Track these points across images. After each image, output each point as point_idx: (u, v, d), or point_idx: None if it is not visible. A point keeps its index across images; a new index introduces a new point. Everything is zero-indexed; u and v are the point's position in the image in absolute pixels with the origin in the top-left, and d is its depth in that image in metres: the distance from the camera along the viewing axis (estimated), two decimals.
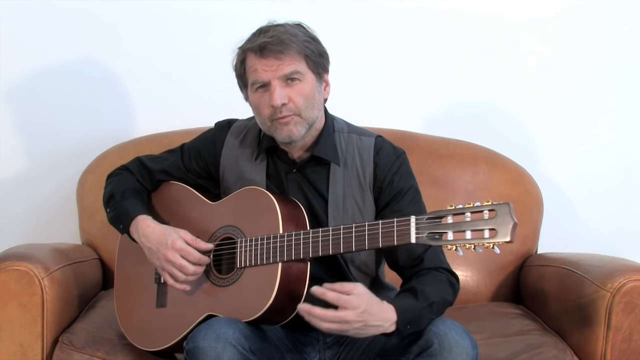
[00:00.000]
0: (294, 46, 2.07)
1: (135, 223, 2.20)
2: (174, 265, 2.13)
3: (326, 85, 2.17)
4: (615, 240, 3.01)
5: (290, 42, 2.07)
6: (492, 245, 1.86)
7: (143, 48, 2.99)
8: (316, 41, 2.13)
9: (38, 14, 2.97)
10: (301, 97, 2.09)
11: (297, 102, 2.09)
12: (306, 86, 2.10)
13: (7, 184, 3.00)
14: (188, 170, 2.29)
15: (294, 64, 2.08)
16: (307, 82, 2.10)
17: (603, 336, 2.30)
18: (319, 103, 2.14)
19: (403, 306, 1.99)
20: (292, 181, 2.19)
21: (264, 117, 2.12)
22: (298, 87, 2.09)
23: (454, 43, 3.01)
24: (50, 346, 2.31)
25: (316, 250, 2.03)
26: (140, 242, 2.19)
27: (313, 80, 2.11)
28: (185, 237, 2.15)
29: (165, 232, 2.16)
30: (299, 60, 2.08)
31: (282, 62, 2.07)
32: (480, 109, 3.03)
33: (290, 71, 2.08)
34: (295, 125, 2.10)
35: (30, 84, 2.99)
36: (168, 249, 2.13)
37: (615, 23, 3.02)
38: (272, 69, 2.08)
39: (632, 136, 3.05)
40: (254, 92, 2.13)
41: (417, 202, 2.17)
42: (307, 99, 2.10)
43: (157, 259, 2.16)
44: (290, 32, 2.09)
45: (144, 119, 2.99)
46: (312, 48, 2.11)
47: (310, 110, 2.11)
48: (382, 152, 2.18)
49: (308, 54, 2.09)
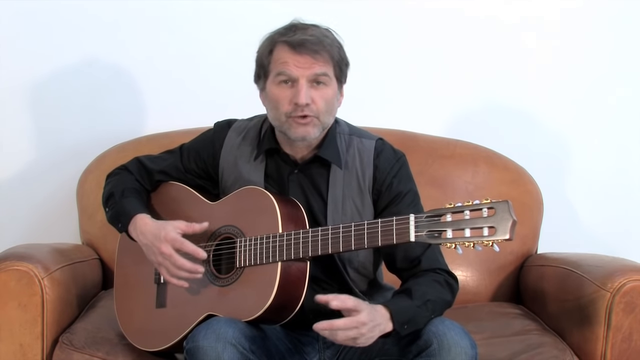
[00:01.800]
0: (329, 49, 2.08)
1: (134, 222, 2.20)
2: (167, 258, 2.13)
3: (341, 95, 2.17)
4: (615, 240, 3.01)
5: (327, 44, 2.08)
6: (491, 243, 1.86)
7: (143, 48, 2.99)
8: (343, 50, 2.14)
9: (38, 15, 2.97)
10: (323, 101, 2.09)
11: (319, 105, 2.09)
12: (329, 91, 2.10)
13: (7, 184, 3.00)
14: (187, 171, 2.29)
15: (326, 66, 2.08)
16: (331, 87, 2.10)
17: (603, 336, 2.30)
18: (335, 110, 2.15)
19: (398, 307, 2.00)
20: (293, 182, 2.18)
21: (280, 112, 2.11)
22: (322, 91, 2.09)
23: (455, 43, 3.01)
24: (50, 346, 2.31)
25: (315, 249, 2.03)
26: (138, 240, 2.19)
27: (335, 87, 2.12)
28: (180, 226, 2.15)
29: (159, 225, 2.16)
30: (329, 64, 2.09)
31: (316, 62, 2.07)
32: (480, 109, 3.03)
33: (322, 72, 2.07)
34: (313, 127, 2.10)
35: (30, 84, 2.99)
36: (162, 241, 2.13)
37: (615, 24, 3.03)
38: (304, 66, 2.07)
39: (633, 136, 3.05)
40: (276, 84, 2.10)
41: (415, 205, 2.17)
42: (328, 104, 2.10)
43: (153, 254, 2.15)
44: (325, 34, 2.10)
45: (144, 119, 2.99)
46: (342, 55, 2.12)
47: (328, 115, 2.12)
48: (382, 155, 2.18)
49: (337, 61, 2.10)
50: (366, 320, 1.94)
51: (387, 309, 1.99)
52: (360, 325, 1.93)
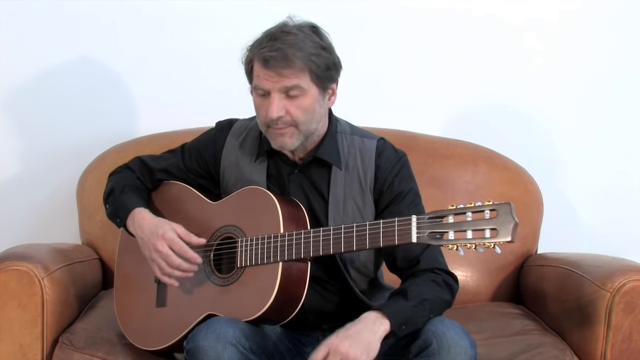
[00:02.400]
0: (298, 62, 2.04)
1: (132, 215, 2.20)
2: (161, 256, 2.13)
3: (332, 94, 2.14)
4: (615, 240, 3.01)
5: (295, 57, 2.03)
6: (493, 245, 1.86)
7: (143, 48, 2.99)
8: (327, 51, 2.09)
9: (37, 15, 2.96)
10: (300, 111, 2.07)
11: (294, 115, 2.07)
12: (307, 100, 2.08)
13: (7, 184, 3.00)
14: (188, 170, 2.29)
15: (296, 78, 2.05)
16: (308, 96, 2.08)
17: (603, 336, 2.30)
18: (320, 115, 2.12)
19: (393, 308, 2.00)
20: (293, 182, 2.18)
21: (261, 121, 2.12)
22: (298, 101, 2.07)
23: (455, 43, 3.01)
24: (50, 346, 2.31)
25: (317, 249, 2.03)
26: (135, 234, 2.19)
27: (315, 94, 2.09)
28: (178, 230, 2.15)
29: (158, 223, 2.16)
30: (301, 75, 2.05)
31: (283, 77, 2.05)
32: (480, 109, 3.03)
33: (292, 85, 2.05)
34: (290, 137, 2.09)
35: (30, 84, 2.99)
36: (158, 238, 2.13)
37: (616, 25, 3.02)
38: (273, 79, 2.06)
39: (633, 136, 3.05)
40: (256, 95, 2.12)
41: (416, 205, 2.17)
42: (307, 113, 2.08)
43: (148, 249, 2.15)
44: (297, 44, 2.04)
45: (144, 119, 2.99)
46: (319, 62, 2.06)
47: (309, 123, 2.10)
48: (384, 155, 2.18)
49: (313, 69, 2.05)
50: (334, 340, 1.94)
51: (379, 311, 1.99)
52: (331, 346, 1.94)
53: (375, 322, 1.98)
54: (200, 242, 2.15)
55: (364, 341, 1.95)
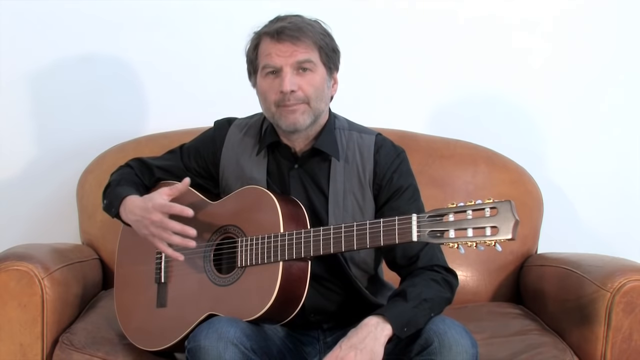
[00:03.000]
0: (311, 35, 2.09)
1: (124, 204, 2.20)
2: (159, 225, 2.12)
3: (334, 82, 2.18)
4: (615, 240, 3.01)
5: (308, 30, 2.09)
6: (493, 242, 1.86)
7: (143, 49, 2.99)
8: (330, 37, 2.15)
9: (37, 14, 2.96)
10: (311, 87, 2.10)
11: (306, 91, 2.10)
12: (317, 77, 2.11)
13: (7, 184, 3.00)
14: (188, 169, 2.29)
15: (308, 53, 2.09)
16: (318, 73, 2.11)
17: (603, 336, 2.30)
18: (327, 97, 2.15)
19: (393, 312, 2.00)
20: (294, 177, 2.19)
21: (269, 103, 2.12)
22: (309, 77, 2.10)
23: (455, 44, 3.01)
24: (50, 346, 2.31)
25: (317, 249, 2.03)
26: (128, 221, 2.19)
27: (324, 73, 2.12)
28: (164, 190, 2.15)
29: (145, 198, 2.16)
30: (313, 50, 2.10)
31: (297, 49, 2.08)
32: (480, 109, 3.04)
33: (304, 59, 2.09)
34: (302, 114, 2.11)
35: (30, 84, 2.98)
36: (150, 211, 2.13)
37: (616, 25, 3.02)
38: (286, 54, 2.08)
39: (633, 136, 3.05)
40: (263, 77, 2.12)
41: (415, 200, 2.17)
42: (317, 90, 2.11)
43: (145, 227, 2.15)
44: (307, 22, 2.12)
45: (144, 119, 2.99)
46: (327, 41, 2.13)
47: (319, 101, 2.12)
48: (383, 150, 2.18)
49: (322, 46, 2.11)
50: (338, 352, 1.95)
51: (379, 316, 1.99)
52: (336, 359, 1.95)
53: (377, 327, 1.98)
54: (185, 183, 2.14)
55: (368, 349, 1.95)
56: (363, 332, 1.97)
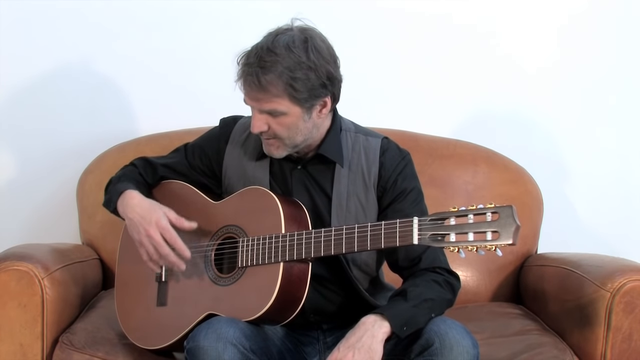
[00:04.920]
0: (273, 90, 2.02)
1: (122, 197, 2.20)
2: (151, 242, 2.12)
3: (323, 106, 2.09)
4: (615, 240, 3.01)
5: (270, 85, 2.01)
6: (494, 247, 1.87)
7: (143, 48, 2.99)
8: (315, 70, 2.02)
9: (37, 15, 2.96)
10: (282, 128, 2.07)
11: (277, 131, 2.08)
12: (287, 119, 2.06)
13: (8, 185, 3.00)
14: (191, 167, 2.29)
15: (272, 104, 2.04)
16: (290, 115, 2.06)
17: (603, 336, 2.30)
18: (306, 129, 2.10)
19: (393, 310, 2.00)
20: (296, 178, 2.18)
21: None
22: (279, 120, 2.06)
23: (455, 43, 3.01)
24: (50, 346, 2.31)
25: (318, 250, 2.03)
26: (124, 215, 2.19)
27: (297, 113, 2.06)
28: (170, 215, 2.15)
29: (150, 207, 2.15)
30: (279, 100, 2.03)
31: (262, 98, 2.04)
32: (480, 109, 3.04)
33: (268, 109, 2.05)
34: (276, 148, 2.11)
35: (30, 85, 2.99)
36: (150, 225, 2.13)
37: (617, 26, 3.03)
38: (252, 101, 2.07)
39: (633, 136, 3.05)
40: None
41: (419, 203, 2.17)
42: (289, 129, 2.08)
43: (137, 232, 2.15)
44: (277, 69, 2.00)
45: (144, 119, 2.99)
46: (299, 86, 2.01)
47: (293, 137, 2.09)
48: (388, 153, 2.18)
49: (291, 93, 2.02)
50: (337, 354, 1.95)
51: (377, 314, 1.99)
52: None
53: (375, 325, 1.98)
54: (191, 225, 2.15)
55: (365, 348, 1.95)
56: (360, 330, 1.98)
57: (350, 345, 1.95)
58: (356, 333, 1.97)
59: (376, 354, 1.95)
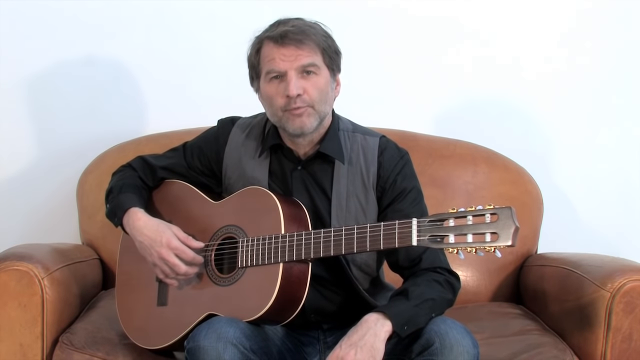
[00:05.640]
0: (314, 38, 2.08)
1: (127, 215, 2.20)
2: (167, 264, 2.13)
3: (337, 84, 2.17)
4: (615, 240, 3.01)
5: (311, 33, 2.08)
6: (493, 248, 1.86)
7: (143, 49, 2.99)
8: (332, 40, 2.15)
9: (37, 15, 2.96)
10: (316, 90, 2.09)
11: (311, 94, 2.09)
12: (321, 80, 2.10)
13: (8, 184, 3.00)
14: (191, 168, 2.29)
15: (312, 56, 2.08)
16: (322, 76, 2.10)
17: (603, 336, 2.30)
18: (331, 99, 2.15)
19: (394, 310, 2.00)
20: (296, 178, 2.18)
21: (276, 108, 2.11)
22: (313, 80, 2.09)
23: (455, 44, 3.01)
24: (50, 346, 2.31)
25: (317, 251, 2.03)
26: (132, 235, 2.19)
27: (327, 76, 2.12)
28: (179, 234, 2.16)
29: (158, 228, 2.16)
30: (316, 53, 2.09)
31: (301, 52, 2.07)
32: (480, 109, 3.04)
33: (309, 62, 2.08)
34: (308, 117, 2.10)
35: (30, 84, 2.99)
36: (162, 246, 2.13)
37: (618, 25, 3.02)
38: (290, 59, 2.07)
39: (633, 136, 3.05)
40: (267, 82, 2.11)
41: (418, 203, 2.17)
42: (321, 93, 2.10)
43: (150, 255, 2.16)
44: (309, 24, 2.11)
45: (144, 119, 2.99)
46: (330, 43, 2.12)
47: (323, 104, 2.11)
48: (387, 152, 2.18)
49: (325, 49, 2.10)
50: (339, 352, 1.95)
51: (379, 313, 1.99)
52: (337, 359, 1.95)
53: (377, 323, 1.98)
54: (199, 245, 2.16)
55: (368, 346, 1.95)
56: (363, 329, 1.97)
57: (353, 343, 1.95)
58: (358, 331, 1.97)
59: (378, 353, 1.95)
